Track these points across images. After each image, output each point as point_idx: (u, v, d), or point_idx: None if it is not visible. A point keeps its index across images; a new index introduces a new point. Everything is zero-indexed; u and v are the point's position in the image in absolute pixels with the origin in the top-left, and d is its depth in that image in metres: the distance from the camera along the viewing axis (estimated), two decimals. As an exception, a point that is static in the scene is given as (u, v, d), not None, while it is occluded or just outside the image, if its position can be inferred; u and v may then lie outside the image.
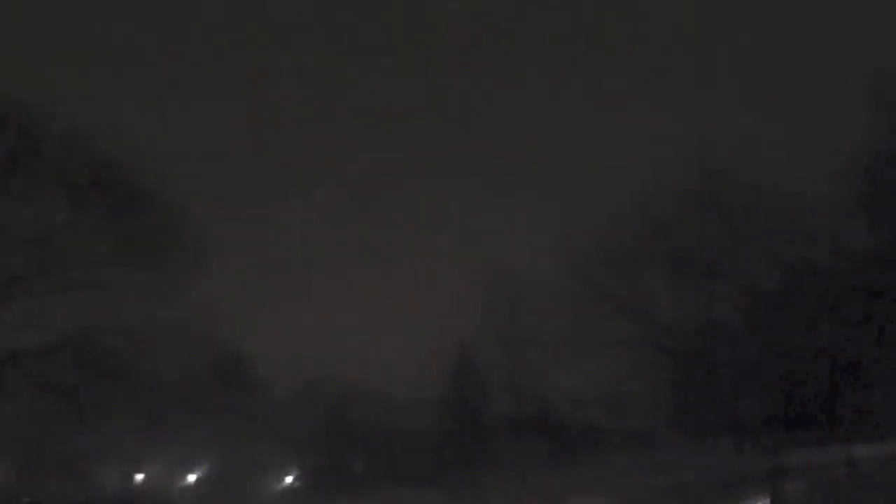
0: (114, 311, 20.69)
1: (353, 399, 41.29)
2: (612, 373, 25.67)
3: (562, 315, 26.47)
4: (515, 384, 39.09)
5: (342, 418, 40.16)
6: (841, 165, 19.20)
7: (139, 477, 30.33)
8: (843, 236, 20.16)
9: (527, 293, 39.46)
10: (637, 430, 43.27)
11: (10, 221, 19.81)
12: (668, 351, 24.12)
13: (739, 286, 21.28)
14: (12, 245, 19.89)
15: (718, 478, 29.46)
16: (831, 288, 19.71)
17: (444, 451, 38.82)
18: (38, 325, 19.90)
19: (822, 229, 19.94)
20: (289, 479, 36.21)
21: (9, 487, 22.73)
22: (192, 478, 31.35)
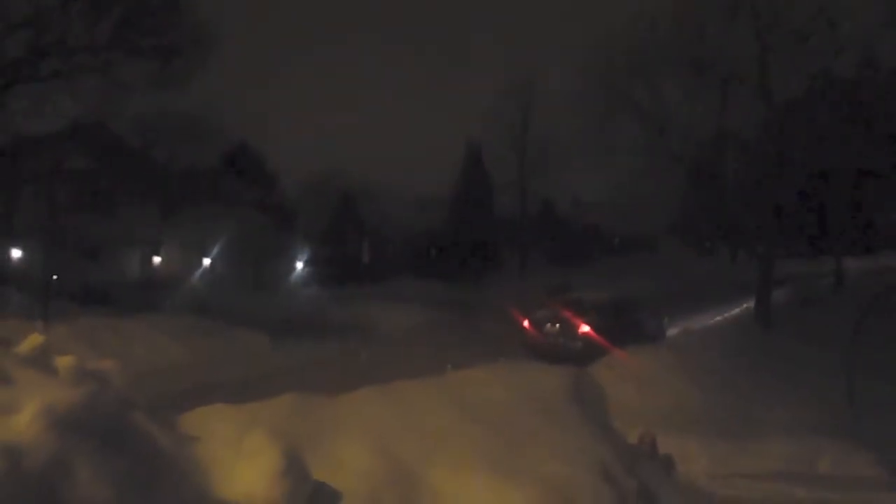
0: (122, 99, 20.57)
1: (361, 194, 42.21)
2: (619, 178, 25.98)
3: (573, 118, 26.05)
4: (524, 185, 39.75)
5: (350, 212, 41.30)
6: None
7: (157, 260, 31.87)
8: (873, 50, 19.36)
9: (539, 96, 38.84)
10: (639, 234, 44.85)
11: (2, 5, 18.96)
12: (677, 158, 24.11)
13: (757, 96, 20.71)
14: (8, 29, 19.21)
15: (713, 281, 31.12)
16: (851, 103, 19.31)
17: (449, 247, 40.42)
18: (47, 112, 19.86)
19: (851, 41, 19.04)
20: (299, 266, 37.91)
21: (36, 268, 23.88)
22: (207, 261, 32.84)
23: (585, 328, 15.46)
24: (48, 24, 19.25)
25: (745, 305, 23.14)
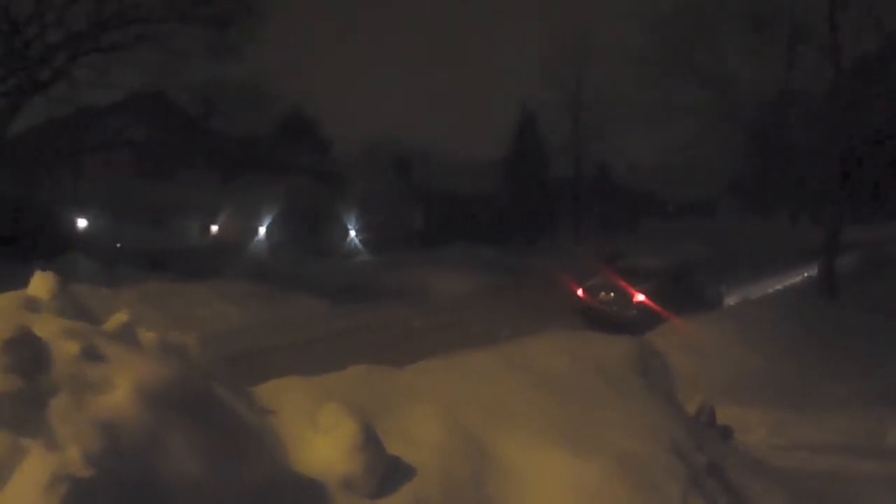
0: (179, 69, 20.89)
1: (414, 159, 42.16)
2: (675, 142, 25.30)
3: (630, 79, 25.42)
4: (578, 149, 38.98)
5: (403, 177, 41.30)
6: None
7: (216, 227, 32.54)
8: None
9: (596, 55, 37.81)
10: (696, 199, 43.71)
11: None
12: (738, 119, 23.39)
13: (825, 55, 19.80)
14: (70, 1, 19.61)
15: (773, 248, 30.21)
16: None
17: (503, 213, 40.12)
18: (108, 83, 20.30)
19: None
20: (353, 232, 38.20)
21: (102, 236, 24.68)
22: (264, 228, 33.39)
23: (640, 297, 15.25)
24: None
25: (807, 273, 22.45)
